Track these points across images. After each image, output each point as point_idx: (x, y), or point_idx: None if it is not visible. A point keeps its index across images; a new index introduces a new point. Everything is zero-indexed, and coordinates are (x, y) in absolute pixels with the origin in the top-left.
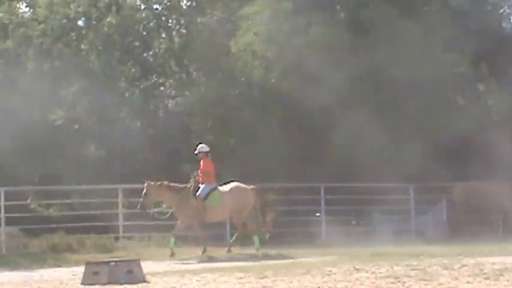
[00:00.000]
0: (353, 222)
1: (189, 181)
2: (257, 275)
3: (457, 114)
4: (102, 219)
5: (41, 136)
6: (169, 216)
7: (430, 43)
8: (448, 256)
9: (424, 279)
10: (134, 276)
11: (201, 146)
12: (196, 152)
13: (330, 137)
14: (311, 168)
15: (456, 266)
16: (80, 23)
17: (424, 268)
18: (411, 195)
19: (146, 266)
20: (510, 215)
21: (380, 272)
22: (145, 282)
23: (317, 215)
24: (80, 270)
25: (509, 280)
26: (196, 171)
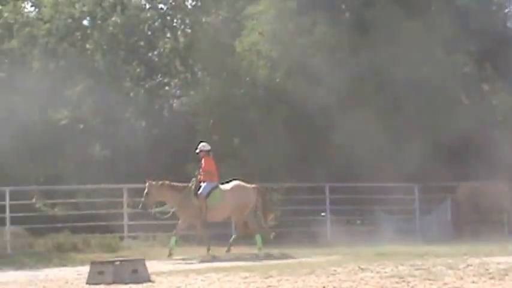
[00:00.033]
0: (358, 222)
1: (191, 180)
2: (262, 274)
3: (461, 114)
4: (107, 219)
5: (46, 136)
6: (172, 215)
7: (435, 43)
8: (453, 256)
9: (428, 279)
10: (139, 275)
11: (202, 144)
12: (197, 151)
13: (333, 136)
14: (315, 167)
15: (461, 266)
16: (85, 22)
17: (428, 268)
18: (416, 195)
19: (151, 266)
20: None
21: (385, 272)
22: (150, 281)
23: (322, 214)
24: (85, 269)
25: None
26: (198, 170)
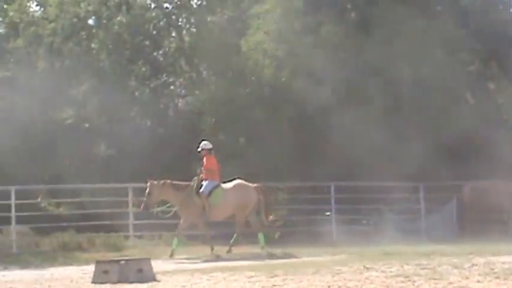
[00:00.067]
0: (363, 221)
1: (192, 179)
2: (267, 274)
3: (466, 112)
4: (112, 218)
5: (51, 135)
6: (174, 214)
7: (440, 42)
8: (458, 255)
9: (434, 278)
10: (144, 275)
11: (204, 143)
12: (199, 150)
13: (337, 136)
14: (320, 167)
15: (466, 265)
16: (90, 22)
17: (434, 267)
18: (421, 195)
19: (156, 265)
20: None
21: (390, 271)
22: (156, 281)
23: (327, 214)
24: (90, 268)
25: None
26: (200, 169)
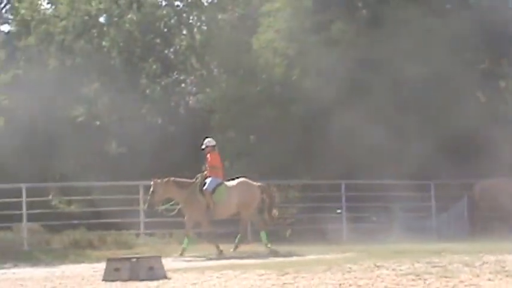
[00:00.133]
0: (374, 219)
1: (195, 176)
2: (278, 271)
3: (477, 110)
4: (123, 216)
5: (62, 133)
6: (180, 212)
7: (450, 40)
8: (469, 253)
9: (445, 276)
10: (155, 272)
11: (207, 140)
12: (203, 147)
13: (348, 134)
14: (330, 165)
15: (477, 263)
16: (102, 19)
17: (445, 265)
18: (432, 193)
19: (167, 263)
20: None
21: (401, 269)
22: (166, 278)
23: (338, 211)
24: (101, 266)
25: None
26: (204, 166)
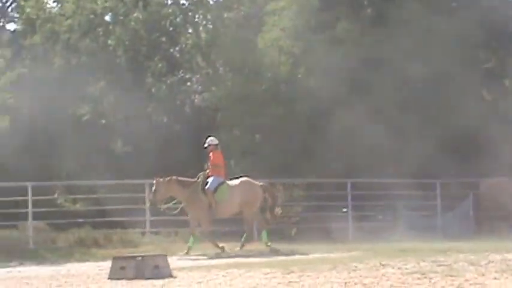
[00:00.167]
0: (379, 218)
1: (197, 175)
2: (283, 270)
3: (483, 109)
4: (129, 215)
5: (67, 131)
6: (183, 211)
7: (456, 39)
8: (474, 252)
9: (450, 275)
10: (160, 271)
11: (210, 139)
12: (205, 145)
13: (354, 132)
14: (336, 163)
15: (483, 262)
16: (107, 18)
17: (450, 264)
18: (438, 191)
19: (172, 261)
20: None
21: (406, 268)
22: (172, 277)
23: (343, 210)
24: (107, 264)
25: None
26: (207, 164)
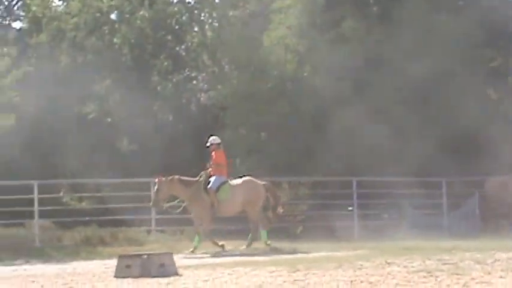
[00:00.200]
0: (385, 216)
1: (200, 174)
2: (289, 268)
3: (486, 107)
4: (135, 213)
5: (73, 129)
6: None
7: (462, 37)
8: (480, 251)
9: (456, 274)
10: (166, 269)
11: (212, 138)
12: (207, 144)
13: (359, 131)
14: (341, 161)
15: (489, 261)
16: (113, 16)
17: (456, 262)
18: (443, 190)
19: (178, 259)
20: None
21: (412, 266)
22: (178, 275)
23: (349, 209)
24: (113, 263)
25: None
26: (209, 163)
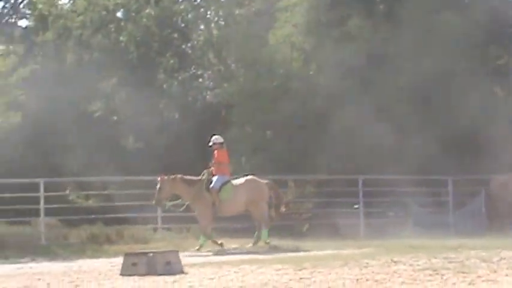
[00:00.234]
0: (391, 215)
1: (202, 173)
2: (295, 266)
3: (493, 106)
4: (141, 211)
5: (79, 127)
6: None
7: (468, 35)
8: (486, 249)
9: (462, 272)
10: (172, 267)
11: (215, 137)
12: (210, 144)
13: (365, 129)
14: (347, 160)
15: (495, 259)
16: (119, 14)
17: (462, 261)
18: (449, 188)
19: (184, 257)
20: None
21: (418, 265)
22: (183, 273)
23: (355, 207)
24: (119, 261)
25: None
26: (211, 162)
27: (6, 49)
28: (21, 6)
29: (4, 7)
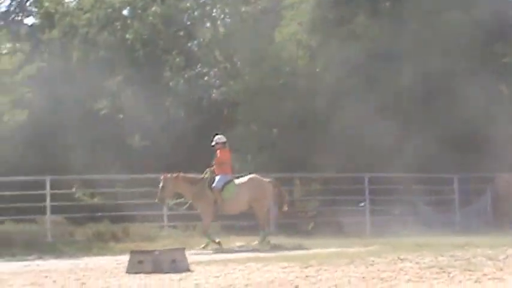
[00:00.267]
0: (397, 213)
1: (204, 172)
2: (301, 264)
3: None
4: (147, 209)
5: (86, 126)
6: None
7: (474, 33)
8: (492, 247)
9: (468, 270)
10: (178, 265)
11: (218, 137)
12: (213, 143)
13: (370, 127)
14: (352, 157)
15: (501, 257)
16: (125, 12)
17: (468, 259)
18: (455, 186)
19: (190, 255)
20: None
21: (424, 262)
22: (189, 271)
23: (361, 205)
24: (125, 258)
25: None
26: (213, 161)
27: (12, 47)
28: (28, 4)
29: (10, 5)
